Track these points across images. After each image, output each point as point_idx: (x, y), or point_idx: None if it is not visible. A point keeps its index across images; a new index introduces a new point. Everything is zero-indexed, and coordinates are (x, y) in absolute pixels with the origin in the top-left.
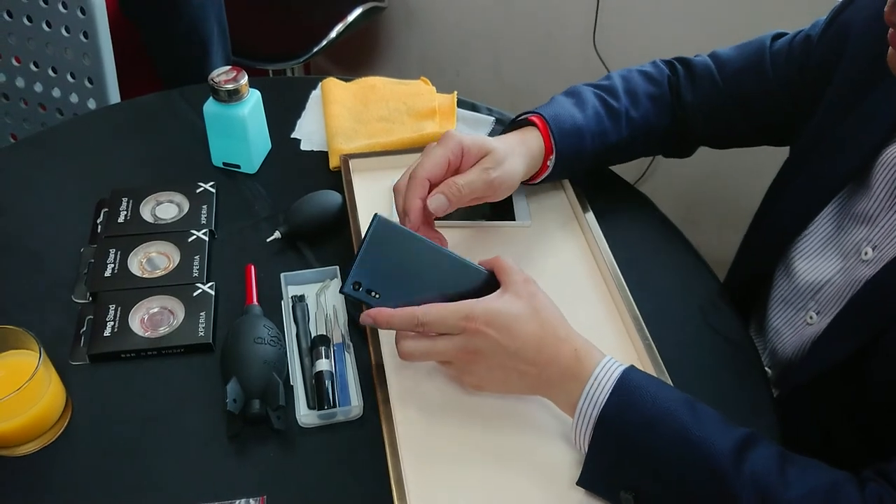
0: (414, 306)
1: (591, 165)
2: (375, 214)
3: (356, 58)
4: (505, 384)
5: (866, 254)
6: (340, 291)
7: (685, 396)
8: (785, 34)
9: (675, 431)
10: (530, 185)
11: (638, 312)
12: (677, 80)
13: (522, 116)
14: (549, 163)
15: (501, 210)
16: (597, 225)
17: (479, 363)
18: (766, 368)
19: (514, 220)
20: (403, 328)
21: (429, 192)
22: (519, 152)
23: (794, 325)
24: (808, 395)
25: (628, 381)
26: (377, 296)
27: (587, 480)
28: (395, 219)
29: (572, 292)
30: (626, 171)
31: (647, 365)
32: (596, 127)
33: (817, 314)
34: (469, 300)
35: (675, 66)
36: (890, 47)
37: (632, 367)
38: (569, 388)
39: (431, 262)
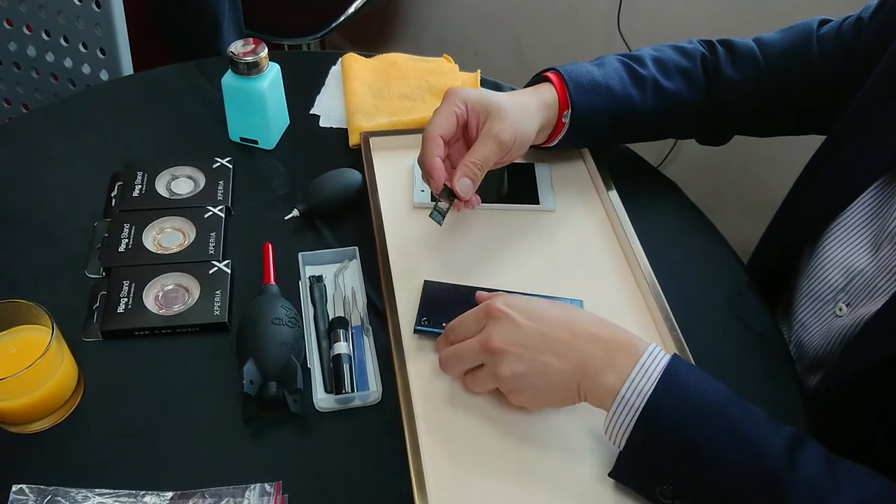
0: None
1: (615, 135)
2: (424, 281)
3: (373, 35)
4: (548, 381)
5: None
6: (414, 330)
7: (732, 391)
8: (830, 20)
9: (725, 427)
10: (547, 147)
11: (665, 301)
12: (716, 59)
13: (538, 73)
14: (564, 118)
15: (525, 194)
16: (623, 211)
17: (507, 354)
18: None
19: (538, 203)
20: (441, 347)
21: (445, 151)
22: (531, 105)
23: (822, 317)
24: (842, 392)
25: (676, 371)
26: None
27: (622, 473)
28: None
29: (597, 279)
30: (649, 154)
31: None
32: (620, 89)
33: (847, 306)
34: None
35: (715, 46)
36: None
37: (676, 355)
38: (617, 368)
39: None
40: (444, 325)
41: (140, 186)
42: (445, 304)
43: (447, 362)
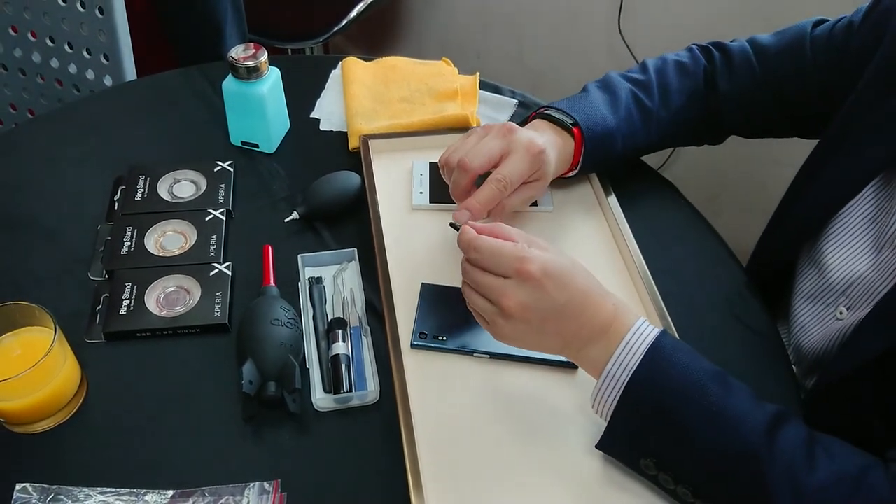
0: (475, 234)
1: (619, 165)
2: (422, 284)
3: (376, 38)
4: (536, 343)
5: None
6: (410, 345)
7: (717, 369)
8: (826, 21)
9: (706, 404)
10: (566, 177)
11: (662, 302)
12: (713, 69)
13: (555, 112)
14: (576, 164)
15: None
16: (620, 211)
17: (522, 315)
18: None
19: (535, 204)
20: (464, 249)
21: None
22: (553, 144)
23: (823, 320)
24: (836, 391)
25: (661, 348)
26: (444, 339)
27: (608, 445)
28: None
29: None
30: (649, 157)
31: None
32: (627, 129)
33: (848, 309)
34: (520, 245)
35: (713, 53)
36: None
37: (664, 332)
38: (602, 346)
39: None
40: (441, 338)
41: (142, 190)
42: (443, 307)
43: (467, 276)
